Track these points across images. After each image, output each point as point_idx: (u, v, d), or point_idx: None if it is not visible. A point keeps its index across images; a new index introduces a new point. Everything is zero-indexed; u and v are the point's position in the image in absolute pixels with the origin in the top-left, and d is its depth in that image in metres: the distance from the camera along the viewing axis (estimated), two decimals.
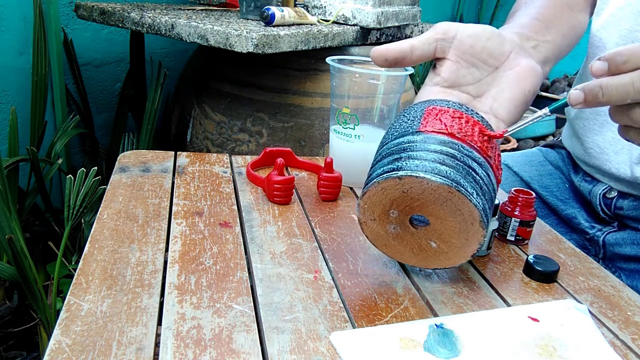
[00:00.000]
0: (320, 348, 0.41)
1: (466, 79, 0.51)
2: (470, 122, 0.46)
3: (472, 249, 0.46)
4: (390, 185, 0.44)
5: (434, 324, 0.45)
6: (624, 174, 0.71)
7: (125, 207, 0.59)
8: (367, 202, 0.46)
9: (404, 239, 0.48)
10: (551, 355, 0.43)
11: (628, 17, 0.69)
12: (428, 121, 0.46)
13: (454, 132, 0.45)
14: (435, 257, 0.48)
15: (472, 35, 0.50)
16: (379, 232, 0.48)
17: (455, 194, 0.42)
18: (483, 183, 0.44)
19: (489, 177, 0.45)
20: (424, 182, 0.42)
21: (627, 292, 0.54)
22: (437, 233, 0.46)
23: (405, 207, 0.45)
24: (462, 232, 0.44)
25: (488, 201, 0.45)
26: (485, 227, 0.43)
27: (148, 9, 1.33)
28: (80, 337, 0.39)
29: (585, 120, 0.76)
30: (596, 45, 0.74)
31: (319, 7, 1.40)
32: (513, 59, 0.51)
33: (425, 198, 0.44)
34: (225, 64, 1.36)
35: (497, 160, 0.47)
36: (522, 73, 0.50)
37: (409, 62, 0.50)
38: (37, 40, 1.32)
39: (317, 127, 1.31)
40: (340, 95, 0.68)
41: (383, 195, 0.45)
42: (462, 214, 0.43)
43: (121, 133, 1.53)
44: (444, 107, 0.47)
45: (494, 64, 0.50)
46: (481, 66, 0.50)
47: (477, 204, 0.42)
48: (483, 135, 0.46)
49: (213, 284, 0.47)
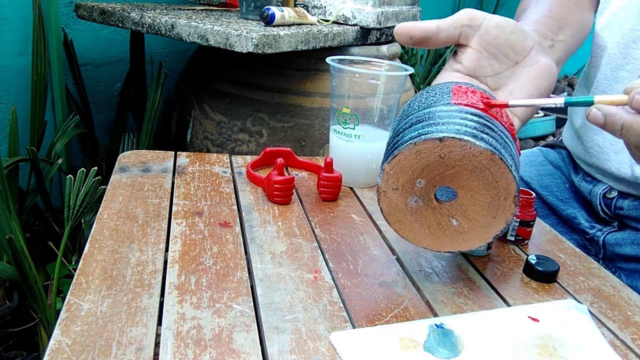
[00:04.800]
0: (320, 348, 0.41)
1: (486, 70, 0.50)
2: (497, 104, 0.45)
3: (497, 229, 0.43)
4: (428, 147, 0.41)
5: (434, 324, 0.45)
6: (624, 174, 0.71)
7: (125, 207, 0.58)
8: (396, 166, 0.43)
9: (422, 215, 0.45)
10: (551, 355, 0.43)
11: (630, 16, 0.69)
12: (459, 96, 0.44)
13: (490, 111, 0.43)
14: (453, 237, 0.45)
15: (498, 25, 0.49)
16: (398, 204, 0.45)
17: (498, 162, 0.40)
18: (516, 160, 0.43)
19: (517, 156, 0.44)
20: (467, 146, 0.40)
21: (627, 292, 0.54)
22: (463, 209, 0.44)
23: (436, 175, 0.43)
24: (492, 208, 0.42)
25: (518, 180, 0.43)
26: (517, 205, 0.42)
27: (148, 9, 1.33)
28: (80, 337, 0.39)
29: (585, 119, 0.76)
30: (599, 44, 0.74)
31: (319, 7, 1.40)
32: (533, 55, 0.50)
33: (462, 165, 0.41)
34: (225, 64, 1.36)
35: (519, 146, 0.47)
36: (540, 71, 0.50)
37: (434, 43, 0.48)
38: (37, 40, 1.31)
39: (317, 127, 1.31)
40: (340, 95, 0.68)
41: (416, 160, 0.42)
42: (497, 187, 0.41)
43: (121, 133, 1.53)
44: (470, 87, 0.46)
45: (514, 58, 0.50)
46: (502, 59, 0.50)
47: (516, 177, 0.41)
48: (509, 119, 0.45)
49: (213, 284, 0.47)
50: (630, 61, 0.69)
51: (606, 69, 0.72)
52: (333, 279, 0.50)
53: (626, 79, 0.69)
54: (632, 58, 0.68)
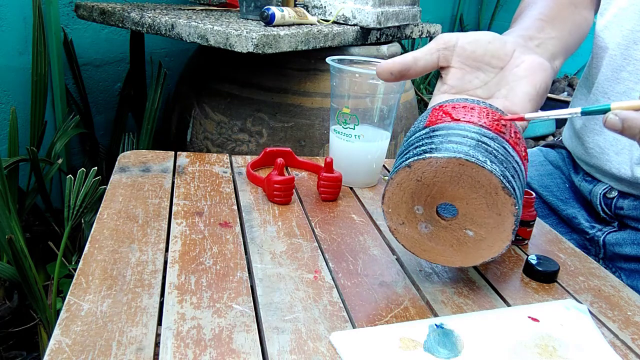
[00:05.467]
0: (320, 348, 0.41)
1: (473, 83, 0.51)
2: (476, 109, 0.45)
3: (510, 224, 0.43)
4: (403, 177, 0.43)
5: (434, 324, 0.45)
6: (624, 174, 0.71)
7: (125, 207, 0.58)
8: (389, 203, 0.45)
9: (439, 237, 0.46)
10: (551, 355, 0.43)
11: (631, 17, 0.69)
12: (432, 116, 0.46)
13: (459, 117, 0.44)
14: (477, 247, 0.46)
15: (473, 41, 0.50)
16: (413, 236, 0.47)
17: (466, 164, 0.41)
18: (498, 153, 0.43)
19: (505, 149, 0.44)
20: (432, 162, 0.42)
21: (627, 292, 0.54)
22: (469, 218, 0.44)
23: (426, 198, 0.44)
24: (492, 207, 0.43)
25: (509, 169, 0.43)
26: (513, 194, 0.42)
27: (148, 9, 1.33)
28: (80, 337, 0.39)
29: (586, 120, 0.76)
30: (599, 45, 0.74)
31: (319, 7, 1.40)
32: (517, 57, 0.51)
33: (440, 180, 0.42)
34: (225, 64, 1.36)
35: (515, 139, 0.46)
36: (529, 68, 0.50)
37: (414, 73, 0.51)
38: (37, 40, 1.31)
39: (317, 127, 1.31)
40: (340, 95, 0.68)
41: (401, 192, 0.44)
42: (482, 186, 0.42)
43: (121, 133, 1.53)
44: (449, 103, 0.47)
45: (498, 64, 0.51)
46: (486, 69, 0.51)
47: (494, 170, 0.41)
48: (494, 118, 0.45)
49: (213, 284, 0.47)
50: (631, 62, 0.69)
51: (607, 69, 0.72)
52: (333, 279, 0.50)
53: (627, 80, 0.69)
54: (633, 59, 0.68)
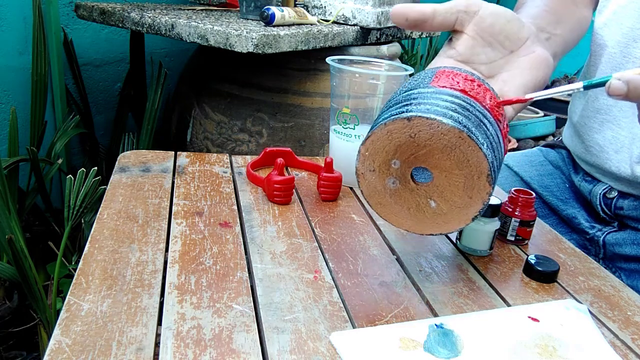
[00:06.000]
0: (320, 348, 0.41)
1: (480, 58, 0.50)
2: (482, 87, 0.45)
3: (474, 210, 0.43)
4: (398, 127, 0.41)
5: (434, 324, 0.45)
6: (624, 173, 0.71)
7: (125, 207, 0.58)
8: (370, 147, 0.43)
9: (401, 197, 0.45)
10: (551, 355, 0.43)
11: (630, 14, 0.69)
12: (440, 79, 0.44)
13: (467, 89, 0.43)
14: (433, 219, 0.45)
15: (494, 13, 0.49)
16: (377, 186, 0.45)
17: (466, 139, 0.40)
18: (493, 140, 0.42)
19: (499, 138, 0.43)
20: (434, 125, 0.40)
21: (627, 292, 0.54)
22: (439, 190, 0.43)
23: (409, 155, 0.43)
24: (467, 188, 0.42)
25: (497, 160, 0.42)
26: (492, 184, 0.41)
27: (148, 9, 1.33)
28: (80, 337, 0.39)
29: (586, 118, 0.76)
30: (598, 43, 0.74)
31: (319, 7, 1.40)
32: (529, 45, 0.50)
33: (432, 144, 0.41)
34: (225, 64, 1.36)
35: (506, 130, 0.45)
36: (536, 61, 0.49)
37: (429, 26, 0.48)
38: (37, 40, 1.32)
39: (317, 127, 1.31)
40: (340, 95, 0.68)
41: (388, 140, 0.42)
42: (469, 166, 0.41)
43: (121, 133, 1.53)
44: (456, 71, 0.45)
45: (510, 47, 0.49)
46: (497, 47, 0.49)
47: (488, 155, 0.40)
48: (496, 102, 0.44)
49: (213, 284, 0.47)
50: (631, 60, 0.69)
51: (606, 67, 0.72)
52: (333, 279, 0.50)
53: None
54: (633, 57, 0.68)
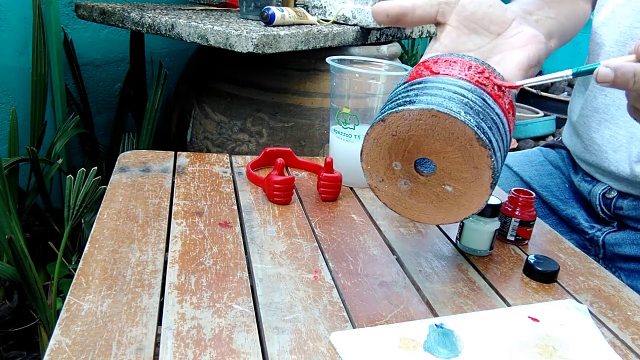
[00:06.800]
0: (320, 348, 0.41)
1: (467, 46, 0.49)
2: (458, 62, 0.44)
3: (487, 178, 0.42)
4: (379, 132, 0.43)
5: (434, 324, 0.45)
6: (623, 172, 0.71)
7: (125, 207, 0.59)
8: (367, 160, 0.45)
9: (419, 193, 0.45)
10: (551, 355, 0.43)
11: (628, 13, 0.69)
12: (414, 72, 0.45)
13: (438, 71, 0.43)
14: (458, 202, 0.45)
15: (474, 1, 0.49)
16: (394, 193, 0.46)
17: (439, 115, 0.40)
18: (475, 104, 0.41)
19: (484, 100, 0.42)
20: (406, 115, 0.41)
21: (627, 292, 0.54)
22: (447, 173, 0.43)
23: (404, 153, 0.44)
24: (467, 159, 0.42)
25: (486, 121, 0.42)
26: (489, 146, 0.41)
27: (148, 9, 1.33)
28: (80, 337, 0.39)
29: (584, 117, 0.76)
30: (596, 42, 0.74)
31: (319, 7, 1.40)
32: (515, 26, 0.49)
33: (415, 133, 0.42)
34: (225, 64, 1.36)
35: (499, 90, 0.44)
36: (525, 39, 0.49)
37: (410, 21, 0.49)
38: (37, 40, 1.31)
39: (317, 127, 1.31)
40: (340, 95, 0.68)
41: (378, 147, 0.44)
42: (457, 138, 0.41)
43: (121, 133, 1.53)
44: (433, 58, 0.45)
45: (495, 30, 0.49)
46: (482, 33, 0.49)
47: (468, 121, 0.40)
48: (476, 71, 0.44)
49: (213, 284, 0.47)
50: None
51: None
52: (333, 279, 0.50)
53: None
54: None
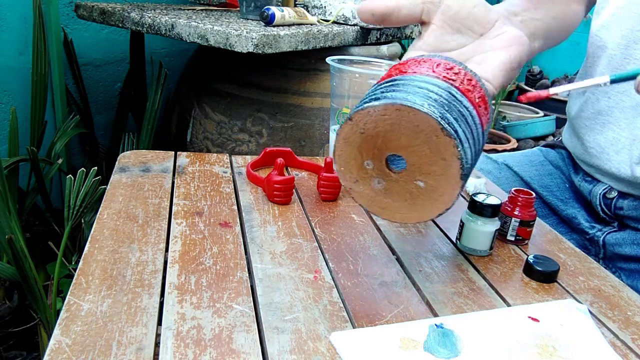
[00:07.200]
0: (320, 348, 0.41)
1: (450, 45, 0.49)
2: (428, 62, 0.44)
3: (456, 169, 0.42)
4: (347, 131, 0.43)
5: (434, 324, 0.45)
6: (624, 174, 0.71)
7: (125, 207, 0.58)
8: (339, 161, 0.45)
9: (393, 191, 0.46)
10: (551, 355, 0.43)
11: (630, 16, 0.69)
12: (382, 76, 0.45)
13: (407, 70, 0.44)
14: (430, 198, 0.45)
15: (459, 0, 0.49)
16: (368, 193, 0.46)
17: (403, 109, 0.40)
18: (440, 97, 0.42)
19: (451, 94, 0.42)
20: (371, 111, 0.41)
21: (627, 292, 0.54)
22: (417, 167, 0.43)
23: (374, 151, 0.44)
24: (435, 152, 0.42)
25: (452, 112, 0.41)
26: (454, 136, 0.41)
27: (148, 9, 1.33)
28: (80, 337, 0.39)
29: (586, 119, 0.76)
30: (597, 45, 0.74)
31: (319, 7, 1.40)
32: (498, 27, 0.50)
33: (382, 130, 0.42)
34: (225, 64, 1.36)
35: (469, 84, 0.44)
36: (508, 40, 0.49)
37: (395, 20, 0.49)
38: (37, 40, 1.32)
39: (317, 127, 1.31)
40: (340, 95, 0.68)
41: (349, 147, 0.44)
42: (422, 131, 0.41)
43: (121, 133, 1.53)
44: (404, 61, 0.46)
45: (479, 30, 0.49)
46: (466, 32, 0.49)
47: (431, 112, 0.40)
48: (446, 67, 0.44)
49: (213, 284, 0.47)
50: (632, 61, 0.69)
51: (606, 69, 0.72)
52: (333, 279, 0.50)
53: None
54: (633, 58, 0.68)
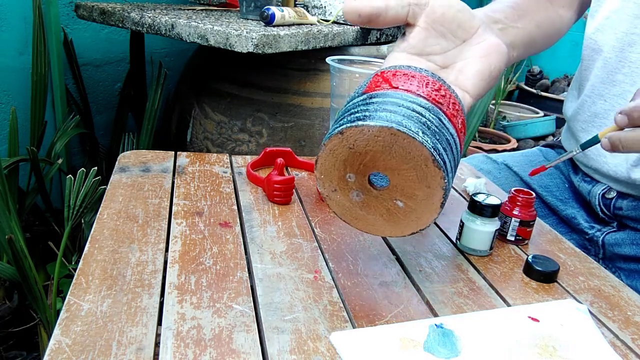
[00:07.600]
0: (320, 348, 0.41)
1: (433, 49, 0.49)
2: (417, 77, 0.44)
3: (438, 198, 0.43)
4: (336, 143, 0.42)
5: (434, 324, 0.45)
6: (621, 176, 0.71)
7: (125, 207, 0.59)
8: (321, 169, 0.44)
9: (370, 206, 0.46)
10: (551, 355, 0.43)
11: (624, 20, 0.69)
12: (372, 82, 0.45)
13: (397, 85, 0.43)
14: (406, 218, 0.45)
15: (444, 5, 0.49)
16: (345, 203, 0.46)
17: (398, 134, 0.40)
18: (432, 124, 0.42)
19: (440, 120, 0.43)
20: (365, 130, 0.41)
21: (627, 292, 0.54)
22: (399, 189, 0.44)
23: (359, 166, 0.43)
24: (421, 178, 0.42)
25: (442, 142, 0.42)
26: (443, 168, 0.41)
27: (148, 9, 1.33)
28: (80, 337, 0.39)
29: (582, 122, 0.76)
30: (592, 47, 0.74)
31: (319, 7, 1.40)
32: (480, 34, 0.50)
33: (372, 148, 0.42)
34: (225, 64, 1.36)
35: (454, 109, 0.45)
36: (488, 48, 0.50)
37: (382, 21, 0.48)
38: (37, 40, 1.32)
39: (317, 127, 1.31)
40: (340, 95, 0.68)
41: (333, 158, 0.43)
42: (412, 158, 0.41)
43: (121, 133, 1.53)
44: (391, 69, 0.45)
45: (462, 36, 0.50)
46: (449, 37, 0.49)
47: (425, 142, 0.40)
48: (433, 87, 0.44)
49: (213, 284, 0.47)
50: (627, 64, 0.69)
51: (602, 72, 0.72)
52: (333, 279, 0.50)
53: (622, 82, 0.69)
54: (628, 61, 0.68)
